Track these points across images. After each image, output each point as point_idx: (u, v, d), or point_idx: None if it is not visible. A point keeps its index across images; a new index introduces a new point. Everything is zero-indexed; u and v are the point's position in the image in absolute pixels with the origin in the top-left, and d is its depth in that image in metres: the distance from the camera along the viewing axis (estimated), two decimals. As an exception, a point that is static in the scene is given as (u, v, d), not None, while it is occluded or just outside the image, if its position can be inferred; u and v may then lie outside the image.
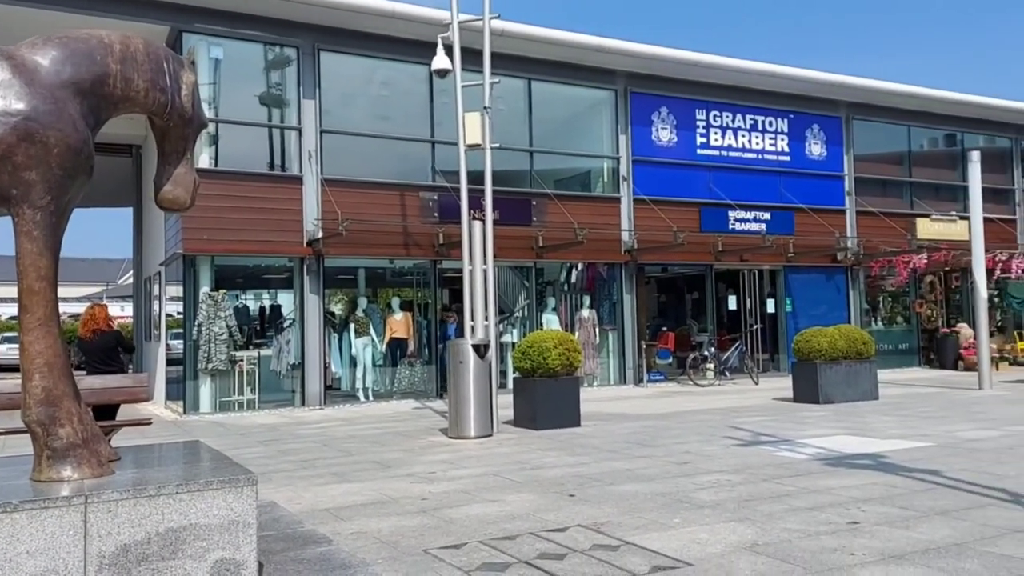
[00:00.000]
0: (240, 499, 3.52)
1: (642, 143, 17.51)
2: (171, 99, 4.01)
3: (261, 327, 17.07)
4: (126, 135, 18.17)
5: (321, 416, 12.96)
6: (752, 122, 18.87)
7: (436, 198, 15.15)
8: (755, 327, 18.98)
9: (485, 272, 10.59)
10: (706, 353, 17.38)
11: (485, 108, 10.97)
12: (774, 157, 19.05)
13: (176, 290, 14.27)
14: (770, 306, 19.27)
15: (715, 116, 18.41)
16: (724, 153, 18.46)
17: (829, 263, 19.67)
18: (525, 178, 16.31)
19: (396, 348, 15.49)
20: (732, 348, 17.70)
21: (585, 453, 8.22)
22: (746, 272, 18.93)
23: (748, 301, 18.94)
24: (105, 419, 6.93)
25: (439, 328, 15.67)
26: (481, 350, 9.86)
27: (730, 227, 18.14)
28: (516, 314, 16.70)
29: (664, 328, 19.68)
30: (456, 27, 11.24)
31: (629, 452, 8.22)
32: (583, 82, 17.03)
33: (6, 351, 28.53)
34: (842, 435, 9.11)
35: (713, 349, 17.51)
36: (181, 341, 13.93)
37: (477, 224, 10.68)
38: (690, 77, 17.85)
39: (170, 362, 15.04)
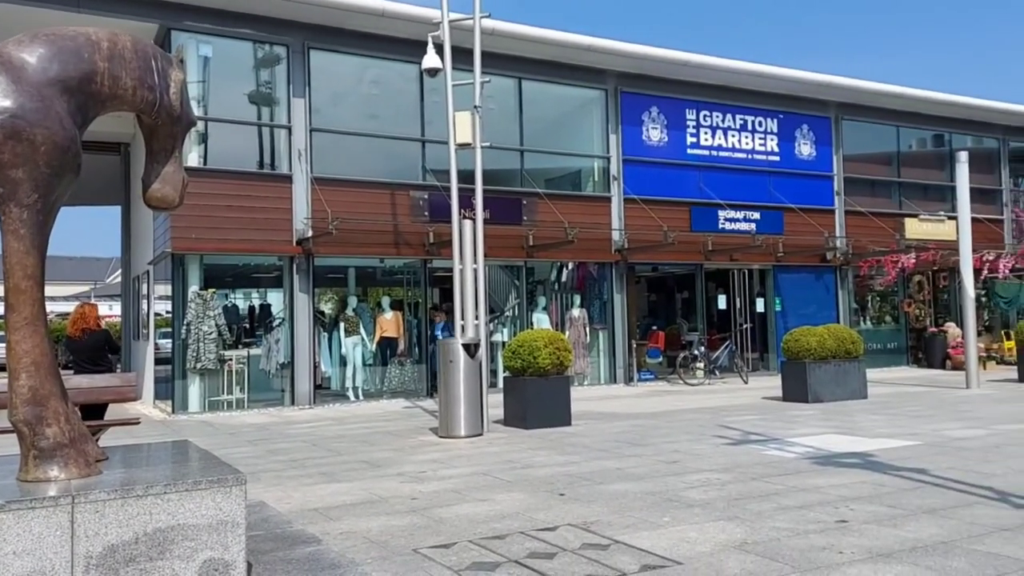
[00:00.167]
0: (229, 499, 3.51)
1: (632, 143, 17.53)
2: (159, 97, 3.99)
3: (250, 326, 17.02)
4: (114, 133, 18.07)
5: (311, 415, 12.93)
6: (742, 122, 18.93)
7: (426, 197, 15.13)
8: (745, 326, 19.04)
9: (475, 271, 10.59)
10: (696, 352, 17.42)
11: (476, 107, 10.96)
12: (764, 157, 19.12)
13: (165, 289, 14.20)
14: (759, 305, 19.34)
15: (705, 116, 18.45)
16: (714, 153, 18.51)
17: (818, 263, 19.75)
18: (516, 177, 16.32)
19: (386, 347, 15.46)
20: (722, 347, 17.75)
21: (575, 452, 8.23)
22: (736, 271, 18.99)
23: (738, 300, 19.00)
24: (93, 419, 6.89)
25: (428, 327, 15.65)
26: (471, 349, 9.85)
27: (720, 227, 18.19)
28: (506, 313, 16.71)
29: (654, 327, 19.72)
30: (446, 26, 11.22)
31: (619, 451, 8.23)
32: (573, 81, 17.04)
33: None
34: (831, 434, 9.15)
35: (703, 348, 17.55)
36: (170, 340, 13.87)
37: (467, 223, 10.67)
38: (680, 77, 17.89)
39: (159, 361, 14.97)
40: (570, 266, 17.37)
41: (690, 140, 18.25)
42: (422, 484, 6.72)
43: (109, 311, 35.15)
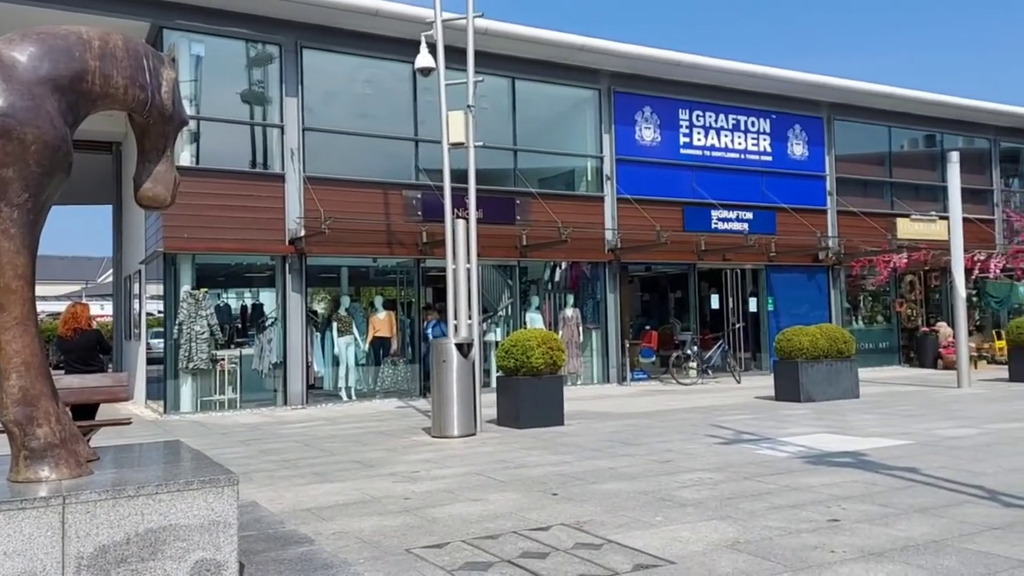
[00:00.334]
0: (221, 499, 3.50)
1: (626, 142, 17.55)
2: (151, 96, 3.97)
3: (243, 326, 16.98)
4: (106, 132, 17.99)
5: (303, 415, 12.90)
6: (735, 122, 18.96)
7: (419, 197, 15.12)
8: (737, 326, 19.09)
9: (469, 271, 10.58)
10: (689, 352, 17.45)
11: (469, 107, 10.95)
12: (756, 157, 19.16)
13: (157, 288, 14.14)
14: (752, 305, 19.38)
15: (698, 116, 18.49)
16: (707, 153, 18.54)
17: (810, 262, 19.80)
18: (509, 177, 16.31)
19: (379, 347, 15.45)
20: (715, 347, 17.79)
21: (568, 452, 8.23)
22: (728, 271, 19.03)
23: (731, 300, 19.05)
24: (84, 419, 6.86)
25: (421, 327, 15.63)
26: (464, 349, 9.85)
27: (713, 226, 18.22)
28: (500, 313, 16.70)
29: (647, 327, 19.75)
30: (439, 25, 11.22)
31: (612, 451, 8.24)
32: (567, 81, 17.05)
33: None
34: (823, 433, 9.18)
35: (696, 348, 17.59)
36: (162, 340, 13.82)
37: (461, 223, 10.66)
38: (673, 77, 17.91)
39: (150, 361, 14.92)
40: (563, 266, 17.38)
41: (683, 140, 18.27)
42: (415, 484, 6.71)
43: (101, 311, 34.98)
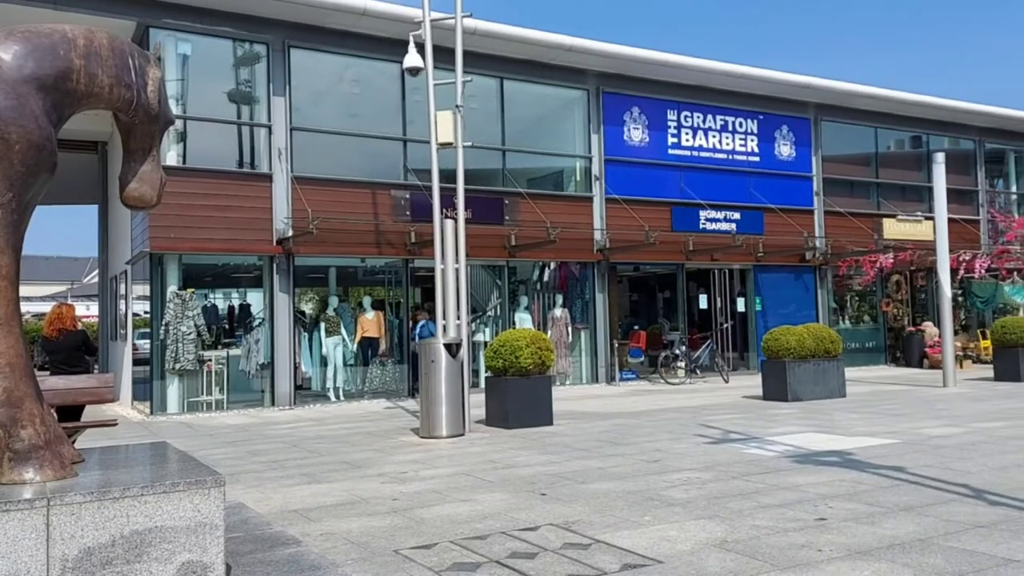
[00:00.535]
0: (207, 501, 3.48)
1: (614, 143, 17.58)
2: (136, 95, 3.95)
3: (230, 326, 16.89)
4: (92, 131, 17.88)
5: (291, 416, 12.85)
6: (723, 123, 19.03)
7: (408, 196, 15.09)
8: (725, 326, 19.15)
9: (457, 271, 10.57)
10: (677, 352, 17.50)
11: (457, 106, 10.94)
12: (744, 157, 19.23)
13: (143, 289, 14.06)
14: (740, 305, 19.46)
15: (686, 116, 18.54)
16: (695, 153, 18.60)
17: (798, 262, 19.89)
18: (498, 177, 16.31)
19: (367, 347, 15.41)
20: (703, 346, 17.85)
21: (557, 452, 8.24)
22: (717, 271, 19.09)
23: (719, 300, 19.11)
24: (69, 420, 6.82)
25: (409, 327, 15.60)
26: (453, 349, 9.83)
27: (701, 227, 18.28)
28: (489, 313, 16.70)
29: (636, 327, 19.79)
30: (428, 25, 11.20)
31: (601, 450, 8.25)
32: (555, 81, 17.06)
33: None
34: (810, 433, 9.22)
35: (684, 348, 17.63)
36: (148, 341, 13.74)
37: (449, 223, 10.65)
38: (661, 77, 17.96)
39: (137, 362, 14.82)
40: (552, 266, 17.39)
41: (671, 140, 18.32)
42: (403, 485, 6.70)
43: (86, 311, 34.77)
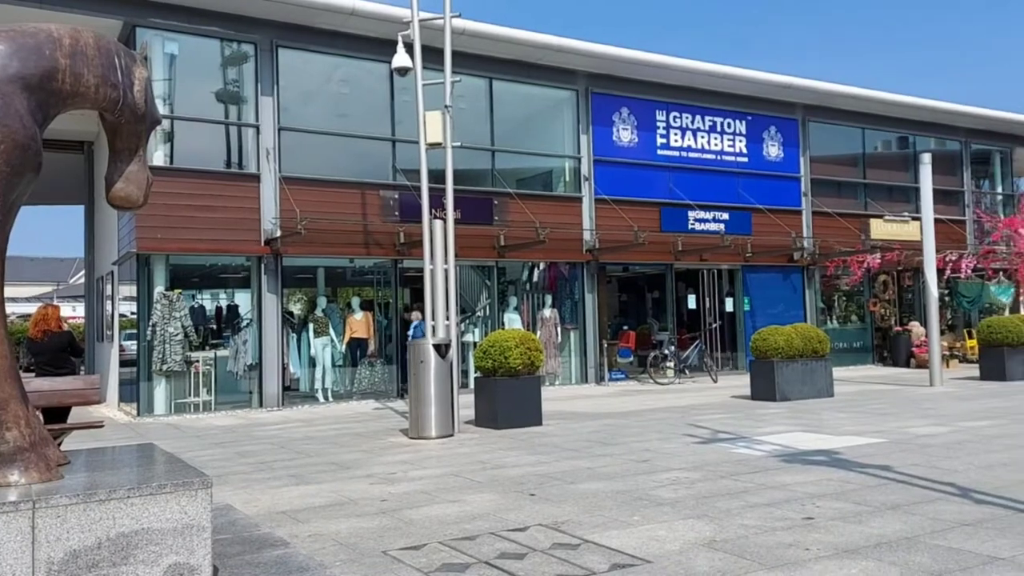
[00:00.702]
0: (194, 502, 3.46)
1: (603, 143, 17.61)
2: (123, 95, 3.92)
3: (217, 327, 16.81)
4: (78, 131, 17.77)
5: (279, 417, 12.81)
6: (711, 123, 19.09)
7: (397, 197, 15.07)
8: (714, 326, 19.21)
9: (446, 271, 10.56)
10: (666, 352, 17.54)
11: (446, 107, 10.93)
12: (732, 158, 19.30)
13: (130, 290, 13.98)
14: (729, 305, 19.52)
15: (675, 117, 18.59)
16: (684, 154, 18.65)
17: (786, 263, 19.98)
18: (487, 177, 16.30)
19: (356, 348, 15.37)
20: (692, 347, 17.90)
21: (546, 452, 8.24)
22: (705, 271, 19.15)
23: (707, 300, 19.16)
24: (55, 422, 6.77)
25: (399, 327, 15.57)
26: (442, 350, 9.82)
27: (690, 227, 18.33)
28: (478, 313, 16.69)
29: (625, 327, 19.83)
30: (416, 25, 11.18)
31: (590, 451, 8.26)
32: (544, 82, 17.07)
33: None
34: (798, 432, 9.26)
35: (673, 348, 17.68)
36: (135, 342, 13.66)
37: (438, 223, 10.64)
38: (650, 78, 18.00)
39: (123, 363, 14.73)
40: (541, 266, 17.40)
41: (660, 141, 18.37)
42: (392, 485, 6.68)
43: (73, 312, 34.54)
